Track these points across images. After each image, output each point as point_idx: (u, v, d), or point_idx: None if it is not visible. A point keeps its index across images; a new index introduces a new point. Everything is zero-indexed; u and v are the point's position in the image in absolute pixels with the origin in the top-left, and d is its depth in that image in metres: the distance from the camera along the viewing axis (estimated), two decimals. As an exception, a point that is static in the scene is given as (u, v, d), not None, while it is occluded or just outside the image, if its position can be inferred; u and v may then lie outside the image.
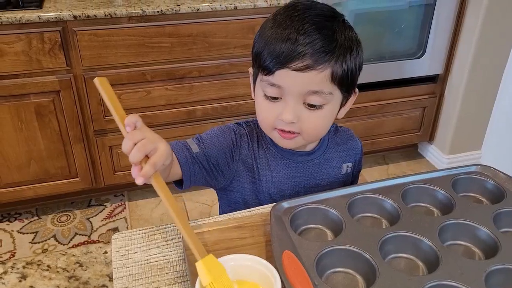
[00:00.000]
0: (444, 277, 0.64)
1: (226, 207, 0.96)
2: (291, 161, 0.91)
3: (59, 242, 1.89)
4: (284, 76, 0.77)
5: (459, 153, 2.44)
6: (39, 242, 1.88)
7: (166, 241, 0.78)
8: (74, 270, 0.71)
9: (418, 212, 0.79)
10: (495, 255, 0.68)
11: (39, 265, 0.72)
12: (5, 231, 1.98)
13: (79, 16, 1.70)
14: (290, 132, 0.82)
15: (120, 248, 0.76)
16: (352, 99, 0.87)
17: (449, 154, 2.44)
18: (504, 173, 0.86)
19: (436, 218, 0.78)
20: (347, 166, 0.96)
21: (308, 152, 0.92)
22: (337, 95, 0.81)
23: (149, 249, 0.76)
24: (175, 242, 0.77)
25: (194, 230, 0.68)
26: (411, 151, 2.64)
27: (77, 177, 2.03)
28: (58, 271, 0.71)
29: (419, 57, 2.27)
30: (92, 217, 2.10)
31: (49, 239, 1.91)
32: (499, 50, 2.20)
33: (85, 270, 0.71)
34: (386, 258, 0.71)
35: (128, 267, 0.73)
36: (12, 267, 0.70)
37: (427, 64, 2.29)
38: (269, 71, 0.78)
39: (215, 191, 0.98)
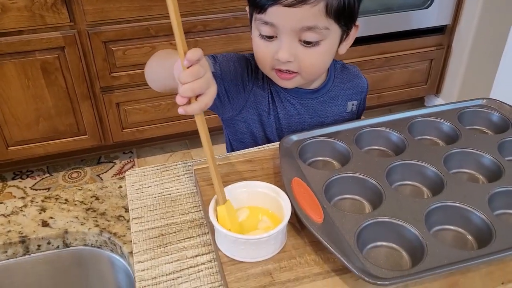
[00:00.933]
0: (448, 198, 0.66)
1: (232, 135, 0.97)
2: (296, 98, 0.91)
3: (71, 197, 1.93)
4: (276, 13, 0.75)
5: (466, 105, 2.43)
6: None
7: (178, 176, 0.80)
8: (91, 203, 0.74)
9: (424, 143, 0.80)
10: (498, 179, 0.70)
11: (57, 199, 0.74)
12: (18, 187, 2.03)
13: (81, -31, 1.67)
14: (288, 71, 0.81)
15: (134, 183, 0.79)
16: (354, 33, 0.85)
17: (455, 106, 2.42)
18: (509, 105, 0.86)
19: (441, 148, 0.79)
20: (352, 104, 0.97)
21: (313, 90, 0.92)
22: (335, 29, 0.79)
23: (162, 183, 0.79)
24: (187, 177, 0.80)
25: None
26: (417, 105, 2.64)
27: (86, 135, 2.05)
28: (76, 204, 0.74)
29: (427, 7, 2.23)
30: (102, 173, 2.14)
31: (61, 194, 1.96)
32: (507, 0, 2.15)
33: (102, 202, 0.74)
34: (392, 185, 0.73)
35: (143, 200, 0.75)
36: (31, 201, 0.73)
37: (435, 15, 2.26)
38: (261, 9, 0.76)
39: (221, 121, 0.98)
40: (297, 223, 0.66)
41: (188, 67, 0.57)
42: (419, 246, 0.60)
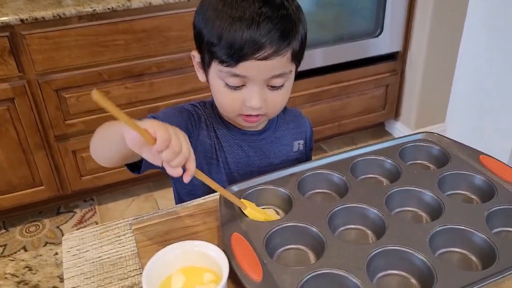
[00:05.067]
0: (389, 243, 0.65)
1: (181, 188, 0.95)
2: (243, 141, 0.91)
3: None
4: (248, 67, 0.75)
5: (425, 127, 2.48)
6: (8, 255, 1.84)
7: (119, 236, 0.77)
8: (24, 275, 0.70)
9: (366, 183, 0.80)
10: (439, 217, 0.70)
11: (-14, 273, 0.70)
12: (-28, 246, 1.93)
13: (26, 19, 1.65)
14: (256, 115, 0.83)
15: (71, 248, 0.75)
16: None
17: (415, 129, 2.47)
18: (448, 137, 0.87)
19: (383, 187, 0.79)
20: (299, 144, 0.97)
21: (259, 132, 0.92)
22: (294, 68, 0.82)
23: (101, 246, 0.75)
24: (128, 237, 0.77)
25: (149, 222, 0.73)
26: (378, 130, 2.67)
27: (42, 185, 1.98)
28: (6, 277, 0.69)
29: (377, 36, 2.29)
30: (62, 224, 2.06)
31: (18, 251, 1.87)
32: (454, 22, 2.24)
33: (35, 273, 0.69)
34: (336, 231, 0.72)
35: (80, 266, 0.72)
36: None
37: (386, 42, 2.32)
38: (231, 64, 0.76)
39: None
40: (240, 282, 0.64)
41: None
42: (362, 297, 0.58)
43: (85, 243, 0.76)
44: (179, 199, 0.97)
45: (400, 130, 2.56)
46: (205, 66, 0.83)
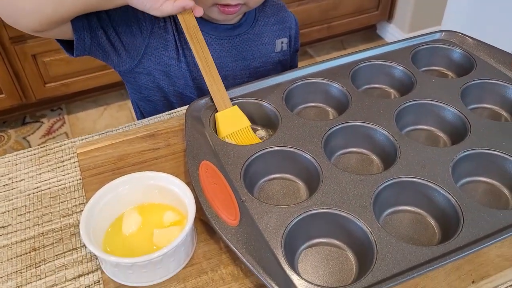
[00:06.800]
0: (402, 173, 0.51)
1: (137, 94, 0.78)
2: (214, 37, 0.72)
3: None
4: None
5: (420, 30, 2.28)
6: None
7: (62, 161, 0.62)
8: None
9: (371, 96, 0.64)
10: (463, 139, 0.55)
11: None
12: None
13: None
14: (235, 5, 0.65)
15: (2, 176, 0.60)
16: None
17: (409, 32, 2.28)
18: (473, 38, 0.70)
19: (392, 101, 0.63)
20: (282, 43, 0.79)
21: (233, 25, 0.74)
22: None
23: (40, 173, 0.60)
24: (73, 163, 0.61)
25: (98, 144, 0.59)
26: (369, 33, 2.47)
27: (2, 93, 1.80)
28: None
29: None
30: (29, 135, 1.91)
31: (-19, 164, 1.73)
32: None
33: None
34: (333, 155, 0.57)
35: (12, 200, 0.57)
36: None
37: None
38: None
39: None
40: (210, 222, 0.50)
41: None
42: (367, 244, 0.45)
43: (20, 170, 0.61)
44: (139, 110, 0.81)
45: (393, 33, 2.37)
46: None
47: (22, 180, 0.60)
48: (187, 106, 0.61)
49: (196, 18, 0.66)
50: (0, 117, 1.96)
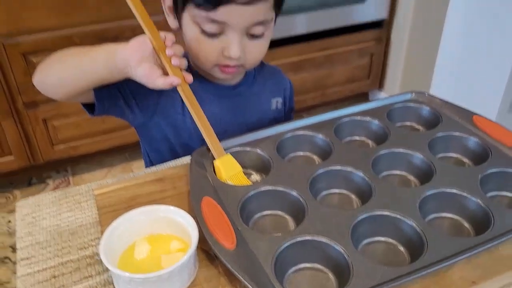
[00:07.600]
0: (376, 207, 0.59)
1: (148, 145, 0.88)
2: (216, 95, 0.83)
3: (-2, 225, 1.76)
4: (229, 12, 0.68)
5: (409, 97, 2.43)
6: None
7: (80, 203, 0.70)
8: (-29, 245, 0.62)
9: (352, 145, 0.74)
10: (429, 180, 0.64)
11: None
12: None
13: (-13, -25, 1.52)
14: (234, 66, 0.76)
15: (26, 215, 0.68)
16: None
17: (398, 99, 2.42)
18: (439, 98, 0.81)
19: (369, 149, 0.73)
20: (277, 102, 0.90)
21: (234, 85, 0.85)
22: (274, 17, 0.76)
23: (60, 213, 0.68)
24: (89, 204, 0.69)
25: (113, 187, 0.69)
26: (362, 101, 2.60)
27: (11, 155, 1.89)
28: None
29: (363, 2, 2.21)
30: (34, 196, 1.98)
31: (-12, 223, 1.79)
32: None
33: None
34: (318, 195, 0.66)
35: (35, 235, 0.65)
36: None
37: (371, 9, 2.24)
38: (209, 7, 0.68)
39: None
40: (211, 250, 0.58)
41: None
42: (345, 265, 0.52)
43: (41, 210, 0.69)
44: (149, 160, 0.90)
45: (384, 100, 2.50)
46: (178, 10, 0.74)
47: (44, 219, 0.68)
48: (187, 158, 0.70)
49: (198, 80, 0.77)
50: (7, 178, 2.04)
